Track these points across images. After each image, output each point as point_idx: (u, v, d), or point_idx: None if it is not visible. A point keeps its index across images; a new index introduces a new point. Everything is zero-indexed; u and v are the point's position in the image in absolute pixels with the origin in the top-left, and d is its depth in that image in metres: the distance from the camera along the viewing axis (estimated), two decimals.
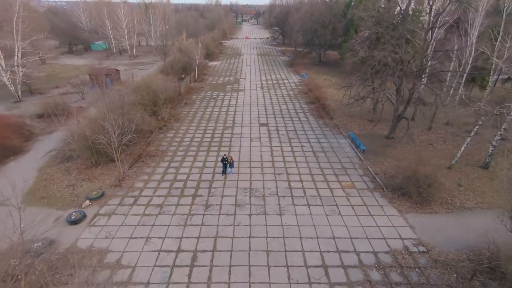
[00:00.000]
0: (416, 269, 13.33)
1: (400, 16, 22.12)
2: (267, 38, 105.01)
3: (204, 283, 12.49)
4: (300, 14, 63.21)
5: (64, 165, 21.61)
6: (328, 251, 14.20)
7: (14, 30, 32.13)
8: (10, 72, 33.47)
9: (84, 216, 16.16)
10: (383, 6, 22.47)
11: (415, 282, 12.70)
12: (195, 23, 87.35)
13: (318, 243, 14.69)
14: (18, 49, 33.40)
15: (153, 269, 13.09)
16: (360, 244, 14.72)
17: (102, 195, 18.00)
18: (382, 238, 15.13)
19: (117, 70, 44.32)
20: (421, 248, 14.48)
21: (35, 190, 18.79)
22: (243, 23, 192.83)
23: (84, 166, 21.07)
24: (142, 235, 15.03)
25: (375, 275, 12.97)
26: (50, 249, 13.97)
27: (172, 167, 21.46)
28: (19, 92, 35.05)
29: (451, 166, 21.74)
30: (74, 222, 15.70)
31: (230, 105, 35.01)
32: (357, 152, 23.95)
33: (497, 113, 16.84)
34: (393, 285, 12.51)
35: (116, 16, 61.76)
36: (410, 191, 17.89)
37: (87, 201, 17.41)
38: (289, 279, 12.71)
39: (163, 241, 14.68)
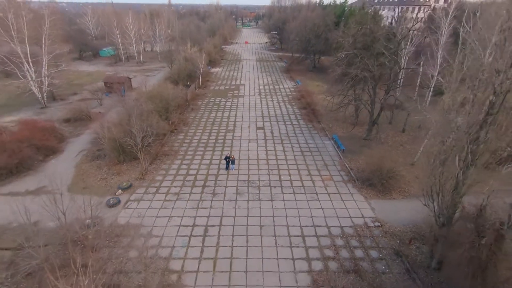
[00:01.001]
0: (370, 238, 18.01)
1: (372, 38, 26.77)
2: (266, 43, 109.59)
3: (214, 247, 17.15)
4: (296, 23, 68.02)
5: (95, 162, 26.26)
6: (306, 226, 18.86)
7: (43, 46, 36.81)
8: (38, 81, 38.14)
9: (119, 201, 20.85)
10: (359, 30, 26.97)
11: (368, 246, 17.39)
12: (197, 30, 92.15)
13: (299, 220, 19.36)
14: (45, 61, 38.05)
15: (175, 238, 17.76)
16: (331, 221, 19.40)
17: (130, 185, 22.69)
18: (348, 217, 19.80)
19: (129, 78, 48.91)
20: (377, 224, 19.16)
21: (76, 182, 23.47)
22: (243, 26, 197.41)
23: (113, 163, 25.72)
24: (165, 215, 19.69)
25: (339, 242, 17.65)
26: (98, 224, 18.61)
27: (184, 164, 26.14)
28: (45, 99, 39.72)
29: (413, 162, 26.39)
30: (112, 205, 20.39)
31: (231, 110, 39.68)
32: (338, 151, 28.63)
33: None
34: (351, 248, 17.19)
35: (125, 26, 66.29)
36: (375, 182, 22.57)
37: (120, 190, 22.10)
38: (276, 244, 17.38)
39: (181, 219, 19.35)
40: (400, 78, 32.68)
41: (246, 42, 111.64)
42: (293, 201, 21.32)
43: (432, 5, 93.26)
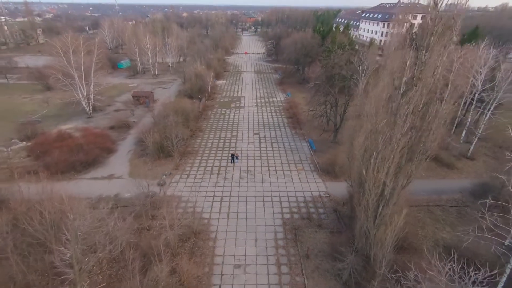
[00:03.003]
0: (321, 202, 29.83)
1: (334, 72, 38.59)
2: (263, 53, 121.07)
3: (227, 207, 28.95)
4: (289, 41, 79.88)
5: (141, 158, 38.00)
6: (283, 196, 30.68)
7: (92, 71, 48.65)
8: (87, 97, 49.95)
9: (165, 182, 32.62)
10: (324, 67, 38.75)
11: (318, 206, 29.21)
12: (201, 42, 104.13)
13: (279, 193, 31.17)
14: (92, 82, 49.83)
15: (204, 202, 29.55)
16: (299, 194, 31.20)
17: (170, 173, 34.48)
18: (310, 192, 31.62)
19: (152, 92, 60.67)
20: (326, 195, 30.98)
21: (133, 171, 35.21)
22: (243, 33, 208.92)
23: (154, 159, 37.44)
24: (195, 190, 31.43)
25: (302, 204, 29.48)
26: (155, 195, 30.32)
27: (203, 159, 37.94)
28: (91, 111, 51.49)
29: None
30: (161, 185, 32.16)
31: (234, 120, 51.46)
32: (311, 150, 40.45)
33: None
34: (308, 207, 29.01)
35: (143, 45, 77.92)
36: (330, 171, 34.40)
37: (164, 176, 33.87)
38: (263, 205, 29.20)
39: (206, 193, 31.13)
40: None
41: (246, 52, 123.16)
42: (276, 182, 33.16)
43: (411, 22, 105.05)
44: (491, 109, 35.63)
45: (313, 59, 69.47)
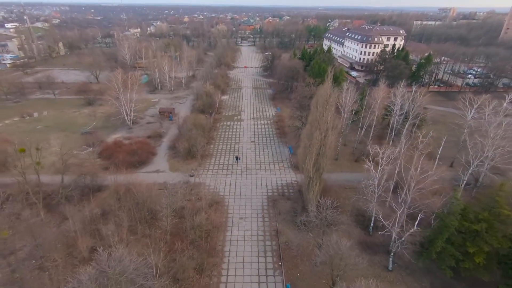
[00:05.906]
0: (292, 186, 48.44)
1: (306, 100, 57.13)
2: (261, 67, 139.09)
3: (234, 188, 47.53)
4: (280, 63, 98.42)
5: (175, 159, 56.43)
6: (269, 182, 49.28)
7: (134, 96, 67.10)
8: (129, 114, 68.39)
9: (193, 175, 51.11)
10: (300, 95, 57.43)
11: (289, 188, 47.82)
12: (207, 58, 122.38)
13: (266, 181, 49.78)
14: (133, 102, 68.23)
15: (219, 186, 48.08)
16: (279, 181, 49.82)
17: (196, 169, 52.96)
18: (285, 180, 50.23)
19: (173, 108, 79.13)
20: (296, 182, 49.57)
21: (171, 167, 53.68)
22: (242, 43, 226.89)
23: (184, 159, 55.85)
24: (213, 179, 49.92)
25: (279, 187, 48.12)
26: (189, 182, 48.72)
27: (217, 160, 56.46)
28: (131, 124, 69.88)
29: (337, 158, 56.60)
30: (191, 176, 50.64)
31: (237, 130, 69.96)
32: (289, 154, 59.04)
33: None
34: (283, 188, 47.64)
35: (162, 67, 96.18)
36: (300, 167, 52.94)
37: (192, 170, 52.35)
38: (256, 188, 47.80)
39: (220, 180, 49.69)
40: None
41: (245, 67, 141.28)
42: (264, 174, 51.76)
43: (384, 43, 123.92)
44: (407, 126, 54.12)
45: (298, 80, 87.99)
